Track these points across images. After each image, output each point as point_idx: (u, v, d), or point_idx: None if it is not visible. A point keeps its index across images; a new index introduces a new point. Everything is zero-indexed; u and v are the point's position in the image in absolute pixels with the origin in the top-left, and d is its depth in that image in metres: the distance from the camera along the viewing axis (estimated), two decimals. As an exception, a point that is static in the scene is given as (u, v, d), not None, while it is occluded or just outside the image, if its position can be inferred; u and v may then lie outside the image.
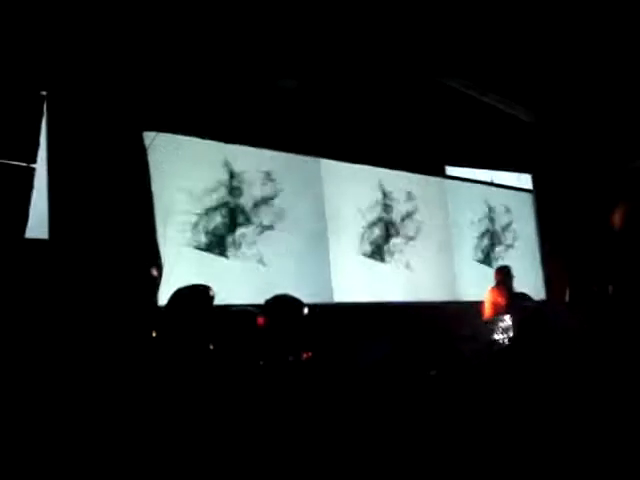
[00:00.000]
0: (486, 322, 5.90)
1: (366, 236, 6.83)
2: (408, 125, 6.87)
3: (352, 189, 6.76)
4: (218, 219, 5.73)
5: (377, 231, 6.95)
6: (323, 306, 6.05)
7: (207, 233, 5.64)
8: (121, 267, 4.13)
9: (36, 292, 4.24)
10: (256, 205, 6.00)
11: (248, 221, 5.94)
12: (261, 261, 5.93)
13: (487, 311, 6.32)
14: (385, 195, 7.07)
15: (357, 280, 6.61)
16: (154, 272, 3.72)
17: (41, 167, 4.26)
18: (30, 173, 2.97)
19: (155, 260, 5.05)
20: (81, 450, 2.30)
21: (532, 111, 7.51)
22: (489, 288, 6.59)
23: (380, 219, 7.00)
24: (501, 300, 6.31)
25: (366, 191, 6.90)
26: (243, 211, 5.93)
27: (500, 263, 7.49)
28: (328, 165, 6.61)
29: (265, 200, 6.06)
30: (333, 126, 6.36)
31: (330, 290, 6.36)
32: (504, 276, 6.61)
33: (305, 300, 3.08)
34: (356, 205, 6.77)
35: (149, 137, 5.26)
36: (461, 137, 7.25)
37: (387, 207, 7.08)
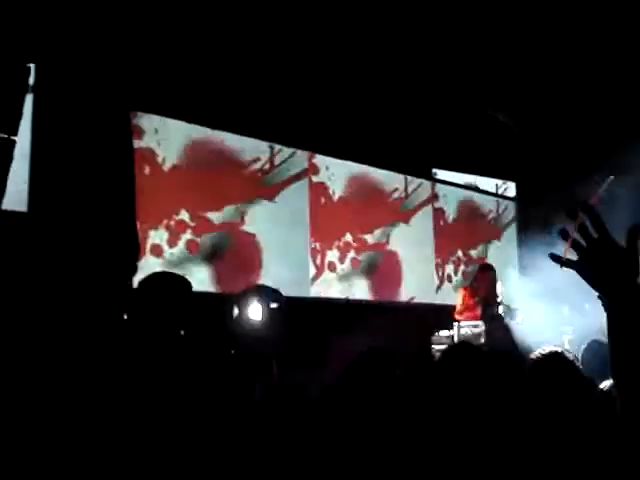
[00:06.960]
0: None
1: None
2: (399, 127, 6.88)
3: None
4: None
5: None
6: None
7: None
8: (98, 246, 4.10)
9: (10, 264, 4.19)
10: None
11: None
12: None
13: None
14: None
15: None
16: (131, 254, 3.71)
17: (24, 140, 4.22)
18: (10, 145, 2.93)
19: (133, 243, 5.01)
20: (47, 431, 2.28)
21: (519, 119, 7.54)
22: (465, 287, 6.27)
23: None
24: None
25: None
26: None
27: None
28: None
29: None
30: (325, 122, 6.35)
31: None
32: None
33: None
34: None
35: (136, 117, 5.22)
36: (449, 141, 7.27)
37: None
